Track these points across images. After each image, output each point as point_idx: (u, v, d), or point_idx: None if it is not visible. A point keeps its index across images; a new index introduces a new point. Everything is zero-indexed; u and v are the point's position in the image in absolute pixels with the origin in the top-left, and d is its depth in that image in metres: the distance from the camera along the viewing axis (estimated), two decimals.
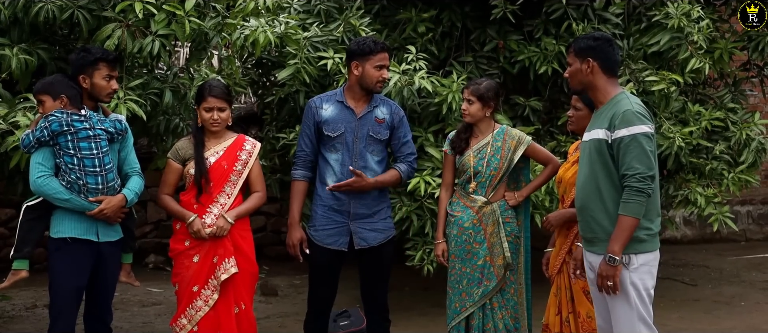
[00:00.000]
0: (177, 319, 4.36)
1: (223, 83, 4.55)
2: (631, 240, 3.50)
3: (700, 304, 6.79)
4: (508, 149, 4.52)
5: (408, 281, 7.05)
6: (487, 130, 4.57)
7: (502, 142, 4.53)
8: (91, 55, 4.04)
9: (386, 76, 4.45)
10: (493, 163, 4.51)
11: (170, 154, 4.43)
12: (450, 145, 4.63)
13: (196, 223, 4.29)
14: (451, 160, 4.64)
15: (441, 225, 4.66)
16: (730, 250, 9.23)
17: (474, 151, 4.53)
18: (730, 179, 6.26)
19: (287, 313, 6.60)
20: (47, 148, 3.96)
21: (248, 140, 4.47)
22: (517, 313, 4.58)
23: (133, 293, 6.98)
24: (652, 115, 3.62)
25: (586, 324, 4.25)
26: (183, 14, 4.45)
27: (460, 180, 4.62)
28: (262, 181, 4.52)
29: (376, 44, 4.42)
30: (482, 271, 4.51)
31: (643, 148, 3.47)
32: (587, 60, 3.64)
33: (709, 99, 6.74)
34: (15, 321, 6.42)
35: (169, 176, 4.42)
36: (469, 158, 4.52)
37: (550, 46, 5.99)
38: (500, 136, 4.55)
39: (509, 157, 4.52)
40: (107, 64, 4.05)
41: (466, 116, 4.54)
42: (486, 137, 4.55)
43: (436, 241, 4.67)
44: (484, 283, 4.51)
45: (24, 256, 4.05)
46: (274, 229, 9.04)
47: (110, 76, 4.07)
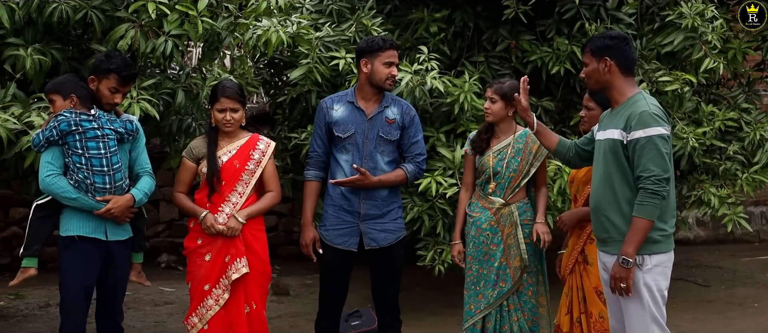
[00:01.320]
0: (189, 317, 4.39)
1: (236, 84, 4.56)
2: (646, 241, 3.48)
3: (714, 305, 6.75)
4: (529, 153, 4.46)
5: (419, 281, 7.05)
6: (509, 131, 4.52)
7: (525, 145, 4.47)
8: (109, 63, 4.04)
9: (395, 74, 4.44)
10: (513, 165, 4.46)
11: (185, 152, 4.46)
12: (471, 145, 4.60)
13: (208, 218, 4.30)
14: (471, 160, 4.61)
15: (459, 225, 4.62)
16: (744, 251, 9.18)
17: (494, 152, 4.50)
18: (743, 180, 6.23)
19: (299, 312, 6.61)
20: (56, 147, 3.99)
21: (262, 140, 4.48)
22: (535, 315, 4.51)
23: (145, 292, 7.00)
24: (668, 116, 3.59)
25: (598, 324, 4.24)
26: (196, 14, 4.47)
27: (479, 180, 4.58)
28: (277, 180, 4.53)
29: (385, 41, 4.42)
30: (498, 272, 4.47)
31: (658, 150, 3.45)
32: (604, 59, 3.61)
33: (722, 99, 6.71)
34: (28, 320, 6.46)
35: (183, 174, 4.45)
36: (489, 159, 4.49)
37: (562, 46, 5.97)
38: (522, 138, 4.50)
39: (530, 160, 4.46)
40: (118, 78, 4.04)
41: (488, 115, 4.48)
42: (507, 138, 4.51)
43: (453, 241, 4.64)
44: (499, 284, 4.47)
45: (33, 254, 4.08)
46: (286, 228, 9.05)
47: (116, 90, 4.06)
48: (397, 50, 4.47)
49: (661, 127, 3.47)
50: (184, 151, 4.47)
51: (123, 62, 4.07)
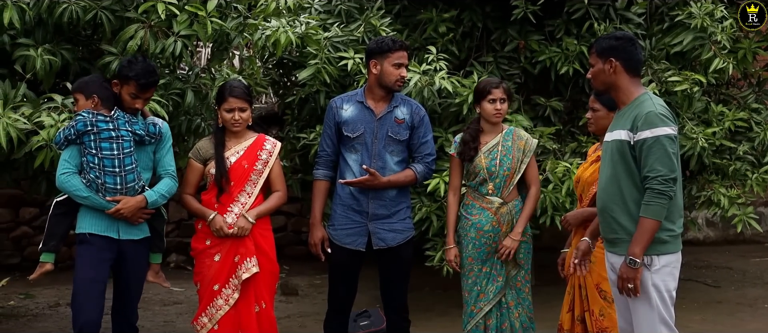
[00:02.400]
0: (198, 317, 4.39)
1: (243, 83, 4.57)
2: (654, 241, 3.47)
3: (723, 306, 6.72)
4: (519, 149, 4.52)
5: (428, 281, 7.05)
6: (494, 129, 4.55)
7: (513, 142, 4.53)
8: (130, 70, 4.06)
9: (405, 75, 4.44)
10: (505, 163, 4.49)
11: (191, 153, 4.47)
12: (458, 150, 4.59)
13: (217, 220, 4.31)
14: (458, 163, 4.61)
15: (451, 229, 4.62)
16: (754, 251, 9.14)
17: (484, 152, 4.52)
18: (753, 180, 6.20)
19: (307, 312, 6.62)
20: (75, 146, 4.06)
21: (269, 140, 4.49)
22: (531, 312, 4.58)
23: (155, 292, 7.03)
24: (675, 116, 3.59)
25: (599, 322, 4.23)
26: (205, 15, 4.48)
27: (472, 182, 4.58)
28: (283, 180, 4.54)
29: (395, 42, 4.42)
30: (497, 268, 4.52)
31: (665, 150, 3.44)
32: (610, 60, 3.61)
33: (732, 99, 6.68)
34: (38, 319, 6.49)
35: (190, 176, 4.46)
36: (480, 160, 4.51)
37: (571, 46, 5.96)
38: (510, 136, 4.55)
39: (520, 157, 4.52)
40: (137, 85, 4.07)
41: (500, 116, 4.52)
42: (495, 137, 4.54)
43: (448, 246, 4.62)
44: (498, 279, 4.52)
45: (51, 250, 4.15)
46: (295, 228, 9.07)
47: (136, 96, 4.10)
48: (407, 51, 4.47)
49: (667, 127, 3.46)
50: (191, 152, 4.48)
51: (143, 70, 4.07)
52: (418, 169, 4.51)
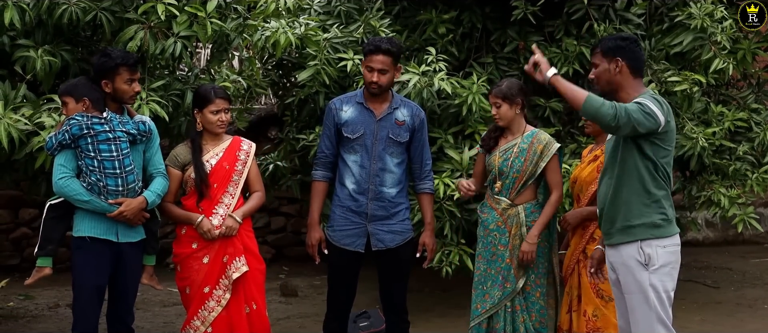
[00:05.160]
0: (189, 321, 4.36)
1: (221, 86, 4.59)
2: (647, 226, 3.49)
3: (723, 306, 6.72)
4: (534, 153, 4.44)
5: (427, 282, 7.05)
6: (518, 130, 4.52)
7: (529, 145, 4.46)
8: (112, 60, 4.03)
9: (375, 80, 4.34)
10: (516, 164, 4.45)
11: (169, 160, 4.38)
12: (481, 142, 4.66)
13: (205, 223, 4.30)
14: (482, 157, 4.65)
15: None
16: (754, 252, 9.14)
17: (500, 151, 4.51)
18: (753, 180, 6.20)
19: (307, 313, 6.61)
20: (69, 150, 4.01)
21: (244, 141, 4.49)
22: (543, 317, 4.50)
23: (155, 293, 7.01)
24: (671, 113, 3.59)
25: (591, 323, 4.24)
26: (205, 16, 4.49)
27: (488, 180, 4.59)
28: (260, 180, 4.55)
29: (368, 45, 4.43)
30: (504, 273, 4.47)
31: (641, 106, 3.44)
32: (616, 60, 3.62)
33: (732, 100, 6.68)
34: (38, 320, 6.49)
35: (170, 184, 4.37)
36: (495, 158, 4.50)
37: (571, 47, 5.96)
38: (529, 138, 4.49)
39: (535, 161, 4.44)
40: (128, 69, 4.04)
41: (498, 121, 4.48)
42: (515, 138, 4.51)
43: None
44: (505, 285, 4.47)
45: (47, 254, 4.11)
46: (294, 229, 9.05)
47: (131, 80, 4.07)
48: (385, 55, 4.35)
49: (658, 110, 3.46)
50: (167, 159, 4.39)
51: (121, 53, 4.08)
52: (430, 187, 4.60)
